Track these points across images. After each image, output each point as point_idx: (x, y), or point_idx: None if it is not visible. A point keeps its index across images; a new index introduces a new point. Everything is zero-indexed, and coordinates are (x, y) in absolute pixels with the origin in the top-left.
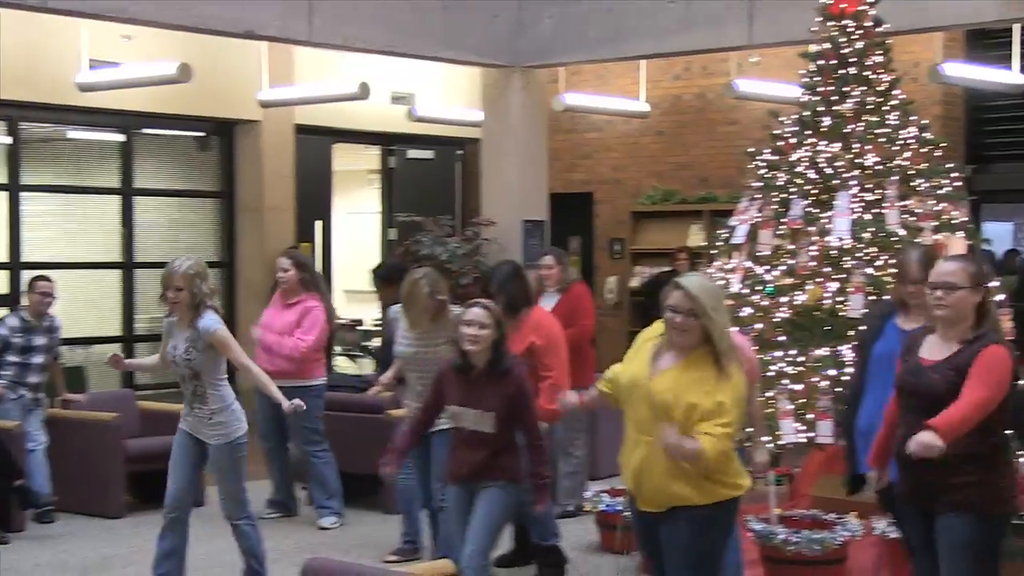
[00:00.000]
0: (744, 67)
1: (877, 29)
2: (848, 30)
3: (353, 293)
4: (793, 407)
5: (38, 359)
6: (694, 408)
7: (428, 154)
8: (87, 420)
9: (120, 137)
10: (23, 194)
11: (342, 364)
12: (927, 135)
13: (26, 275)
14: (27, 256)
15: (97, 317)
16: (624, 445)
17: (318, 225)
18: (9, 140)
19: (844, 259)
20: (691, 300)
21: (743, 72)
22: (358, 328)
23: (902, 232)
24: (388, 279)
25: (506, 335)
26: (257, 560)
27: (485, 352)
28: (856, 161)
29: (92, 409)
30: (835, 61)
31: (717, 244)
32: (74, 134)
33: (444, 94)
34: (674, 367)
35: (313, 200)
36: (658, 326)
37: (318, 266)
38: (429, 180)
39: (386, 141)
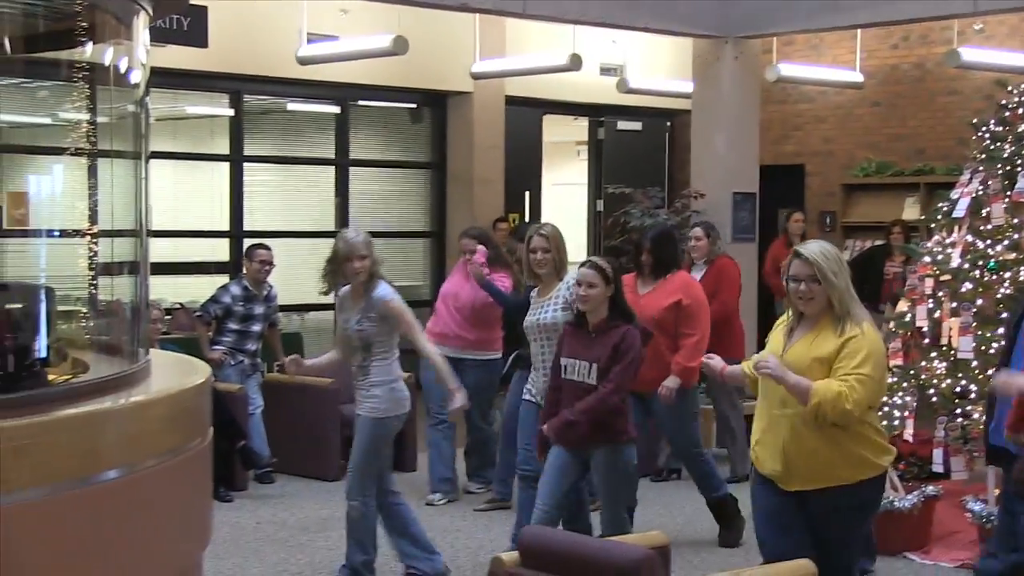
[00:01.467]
0: (967, 35)
1: None
2: None
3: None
4: None
5: (256, 327)
6: (821, 364)
7: (637, 126)
8: (306, 385)
9: (336, 109)
10: (245, 165)
11: None
12: None
13: (247, 244)
14: (248, 225)
15: (313, 285)
16: (760, 425)
17: (527, 196)
18: (232, 112)
19: None
20: (811, 266)
21: (965, 40)
22: None
23: None
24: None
25: (621, 291)
26: (358, 547)
27: (599, 309)
28: None
29: (310, 375)
30: None
31: (937, 218)
32: (293, 106)
33: (653, 65)
34: (804, 337)
35: (522, 171)
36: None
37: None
38: (637, 152)
39: (595, 113)
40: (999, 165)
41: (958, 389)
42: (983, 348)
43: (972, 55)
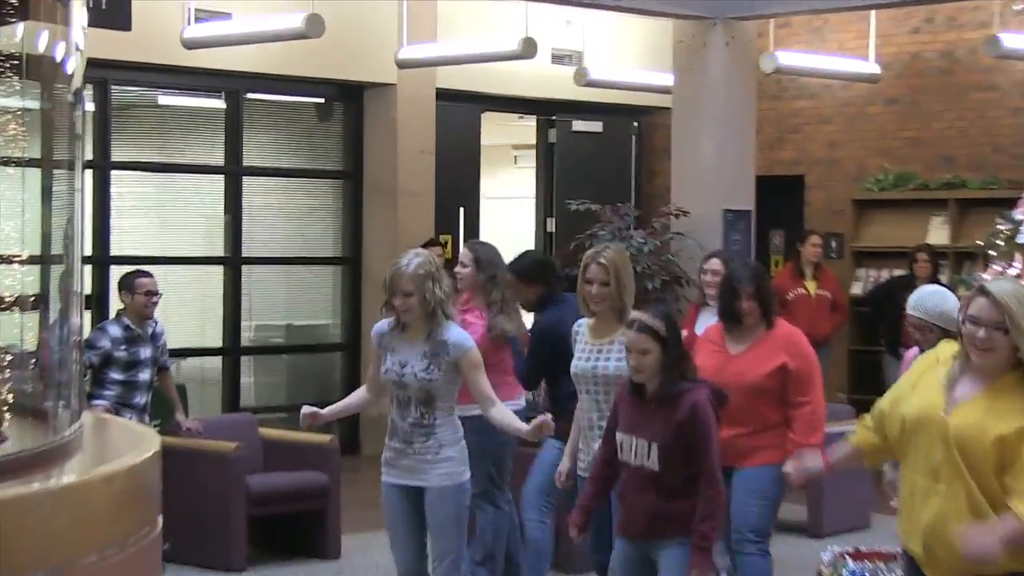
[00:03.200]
0: (1006, 18)
1: None
2: None
3: None
4: None
5: (144, 375)
6: (1003, 445)
7: (597, 126)
8: (203, 451)
9: (226, 104)
10: (113, 173)
11: None
12: None
13: (116, 271)
14: (117, 249)
15: (197, 323)
16: (905, 496)
17: (461, 213)
18: (93, 108)
19: None
20: (1000, 310)
21: (1005, 24)
22: None
23: None
24: (530, 276)
25: (678, 354)
26: None
27: (655, 376)
28: None
29: (207, 437)
30: None
31: (996, 243)
32: (173, 100)
33: (619, 52)
34: (977, 396)
35: (457, 182)
36: (946, 348)
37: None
38: (598, 159)
39: (546, 110)
40: None
41: None
42: None
43: (1015, 41)
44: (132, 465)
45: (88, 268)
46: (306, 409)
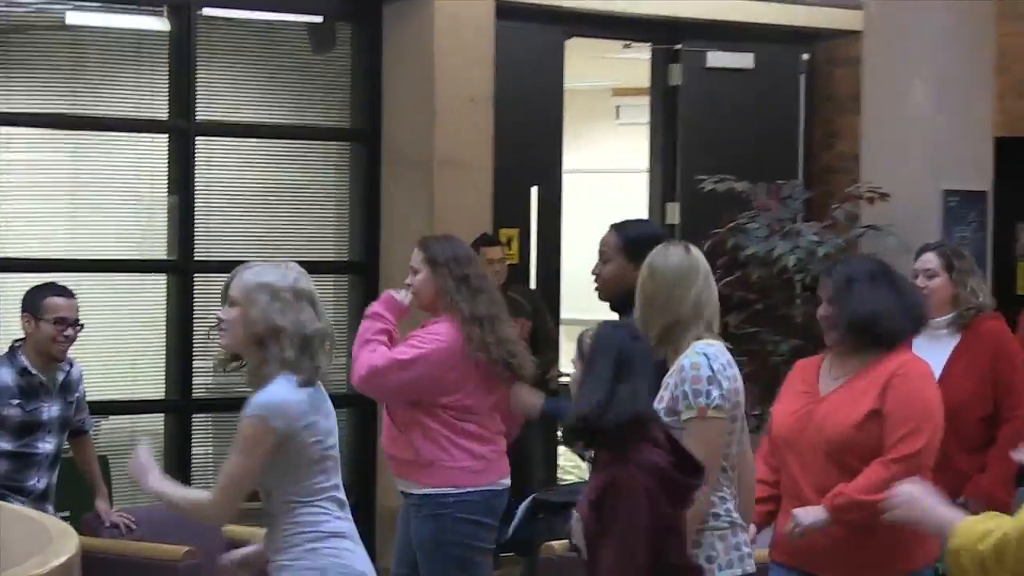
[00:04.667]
0: None
1: None
2: None
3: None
4: None
5: (47, 444)
6: None
7: (746, 60)
8: (139, 558)
9: (169, 26)
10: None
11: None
12: None
13: (4, 281)
14: (4, 248)
15: (128, 364)
16: None
17: (534, 195)
18: None
19: None
20: None
21: None
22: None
23: None
24: (642, 251)
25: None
26: None
27: None
28: None
29: (144, 536)
30: None
31: None
32: (89, 19)
33: None
34: None
35: (526, 148)
36: None
37: (531, 268)
38: (747, 112)
39: (666, 35)
40: None
41: None
42: None
43: None
44: None
45: None
46: (238, 554)
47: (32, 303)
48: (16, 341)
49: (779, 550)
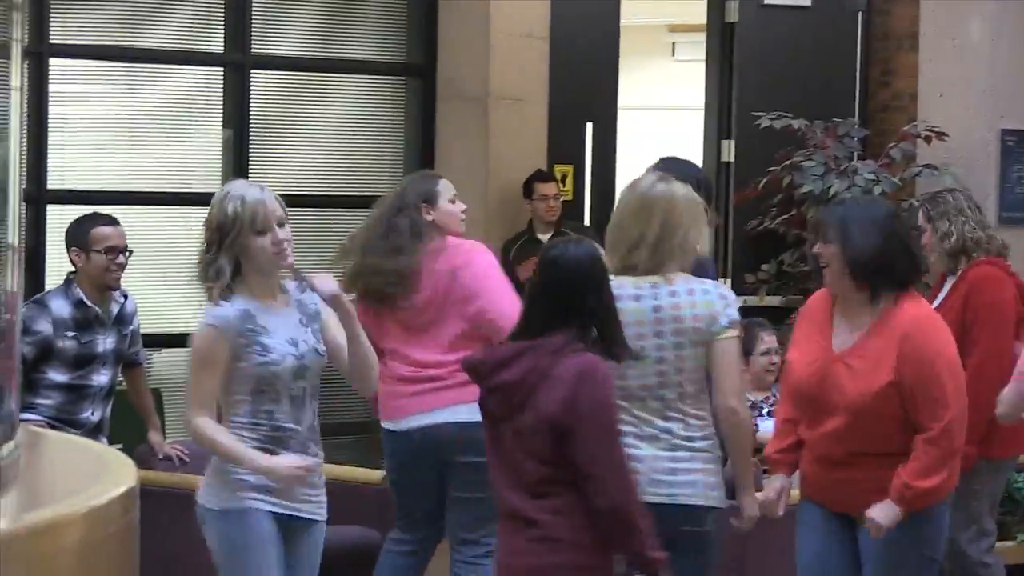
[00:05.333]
0: None
1: None
2: None
3: None
4: None
5: (102, 377)
6: None
7: None
8: (190, 491)
9: None
10: (52, 63)
11: None
12: None
13: (56, 214)
14: (58, 180)
15: (183, 297)
16: None
17: (589, 131)
18: None
19: None
20: None
21: None
22: None
23: None
24: None
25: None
26: None
27: None
28: None
29: (196, 470)
30: None
31: None
32: None
33: None
34: None
35: (582, 83)
36: None
37: (585, 205)
38: (804, 49)
39: None
40: None
41: None
42: None
43: None
44: (94, 509)
45: (15, 209)
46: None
47: (78, 236)
48: (71, 273)
49: (810, 488)
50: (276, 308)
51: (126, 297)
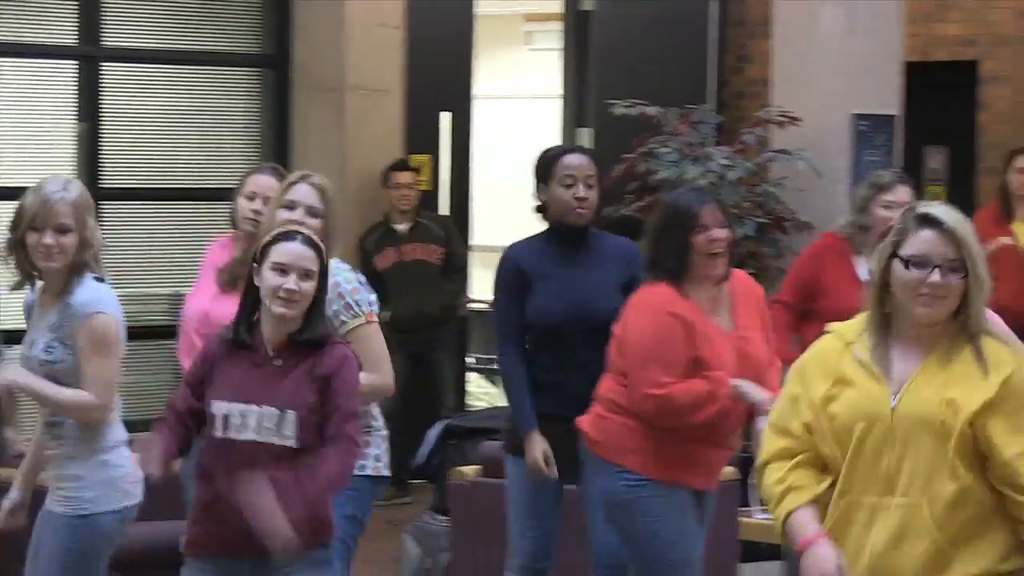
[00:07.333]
0: None
1: None
2: None
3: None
4: None
5: None
6: (984, 420)
7: None
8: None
9: None
10: None
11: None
12: None
13: None
14: None
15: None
16: (840, 521)
17: (445, 120)
18: None
19: None
20: (958, 245)
21: None
22: None
23: None
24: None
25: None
26: None
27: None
28: None
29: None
30: None
31: None
32: None
33: None
34: (924, 366)
35: (438, 73)
36: (833, 340)
37: (442, 195)
38: (658, 37)
39: None
40: None
41: None
42: None
43: None
44: None
45: None
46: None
47: None
48: None
49: None
50: (46, 306)
51: None
